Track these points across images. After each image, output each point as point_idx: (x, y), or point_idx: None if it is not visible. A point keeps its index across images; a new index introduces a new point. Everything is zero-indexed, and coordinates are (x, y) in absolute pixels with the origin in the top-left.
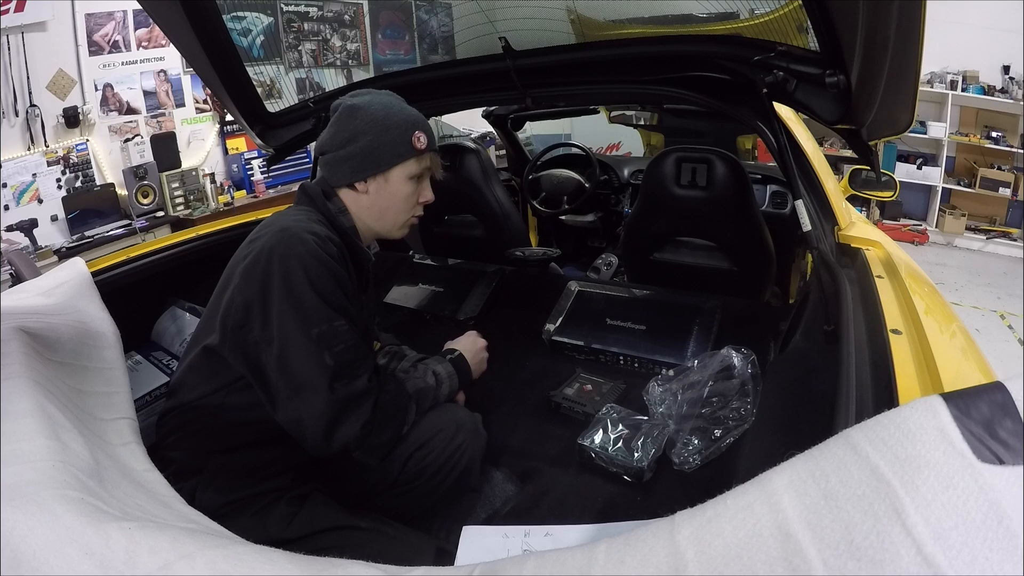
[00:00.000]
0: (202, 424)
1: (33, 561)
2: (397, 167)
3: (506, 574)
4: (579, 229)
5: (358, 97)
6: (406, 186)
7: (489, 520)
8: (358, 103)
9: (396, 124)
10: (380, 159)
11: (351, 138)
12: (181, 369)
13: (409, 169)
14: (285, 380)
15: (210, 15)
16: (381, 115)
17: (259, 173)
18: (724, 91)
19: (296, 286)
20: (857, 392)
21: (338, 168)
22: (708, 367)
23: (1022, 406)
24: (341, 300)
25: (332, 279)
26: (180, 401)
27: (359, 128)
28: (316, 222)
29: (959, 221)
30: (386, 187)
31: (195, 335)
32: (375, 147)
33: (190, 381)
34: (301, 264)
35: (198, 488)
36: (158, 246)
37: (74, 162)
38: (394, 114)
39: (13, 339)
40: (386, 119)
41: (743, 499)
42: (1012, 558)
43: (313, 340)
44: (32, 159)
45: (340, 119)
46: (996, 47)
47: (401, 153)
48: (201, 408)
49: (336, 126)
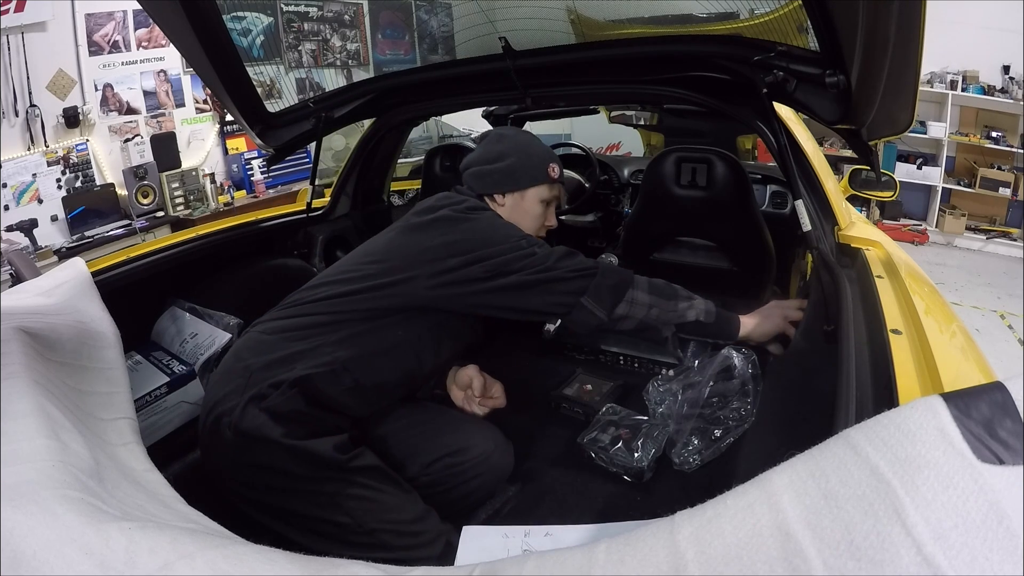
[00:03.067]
0: (332, 326)
1: (33, 561)
2: (533, 188)
3: (506, 574)
4: (579, 229)
5: (504, 129)
6: (537, 207)
7: (489, 520)
8: (505, 132)
9: (537, 154)
10: (520, 178)
11: (499, 157)
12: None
13: (542, 193)
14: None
15: (210, 15)
16: (524, 144)
17: (259, 173)
18: (724, 91)
19: (484, 230)
20: (857, 392)
21: (484, 179)
22: (708, 367)
23: (1022, 406)
24: (517, 233)
25: (504, 226)
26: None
27: (506, 151)
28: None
29: (959, 221)
30: (521, 203)
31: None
32: (517, 168)
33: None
34: (481, 220)
35: (285, 384)
36: (158, 246)
37: (74, 162)
38: (536, 146)
39: (13, 339)
40: (528, 148)
41: (743, 499)
42: (1012, 558)
43: (524, 259)
44: (32, 159)
45: (489, 141)
46: (996, 47)
47: (538, 177)
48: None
49: (485, 146)
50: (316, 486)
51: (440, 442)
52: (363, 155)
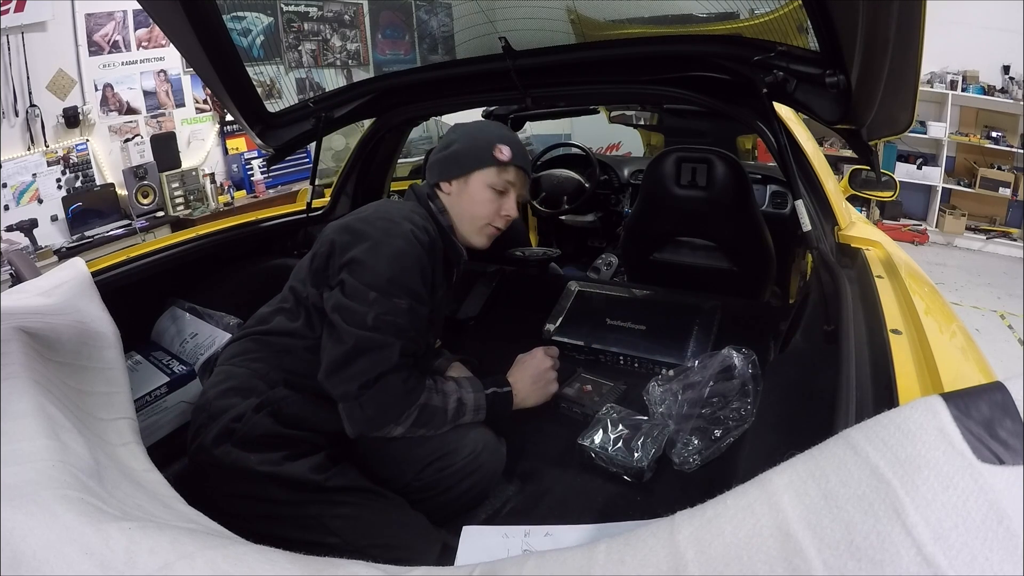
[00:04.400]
0: (280, 350)
1: (33, 561)
2: (477, 172)
3: (506, 574)
4: (579, 229)
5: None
6: (483, 192)
7: (489, 520)
8: (462, 123)
9: (483, 137)
10: (463, 162)
11: (447, 145)
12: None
13: (488, 176)
14: (335, 314)
15: (210, 15)
16: (474, 129)
17: (259, 173)
18: (724, 91)
19: (382, 253)
20: (857, 392)
21: (432, 169)
22: (708, 367)
23: (1022, 406)
24: (415, 285)
25: (416, 265)
26: (262, 330)
27: (454, 137)
28: (417, 215)
29: (959, 221)
30: (466, 189)
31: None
32: (460, 152)
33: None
34: (397, 237)
35: (250, 409)
36: (158, 246)
37: (74, 162)
38: (485, 130)
39: (13, 339)
40: (477, 133)
41: (743, 499)
42: (1012, 558)
43: (369, 301)
44: (32, 159)
45: (446, 134)
46: (996, 47)
47: (482, 159)
48: (283, 335)
49: (442, 139)
50: (299, 510)
51: (428, 447)
52: (363, 155)
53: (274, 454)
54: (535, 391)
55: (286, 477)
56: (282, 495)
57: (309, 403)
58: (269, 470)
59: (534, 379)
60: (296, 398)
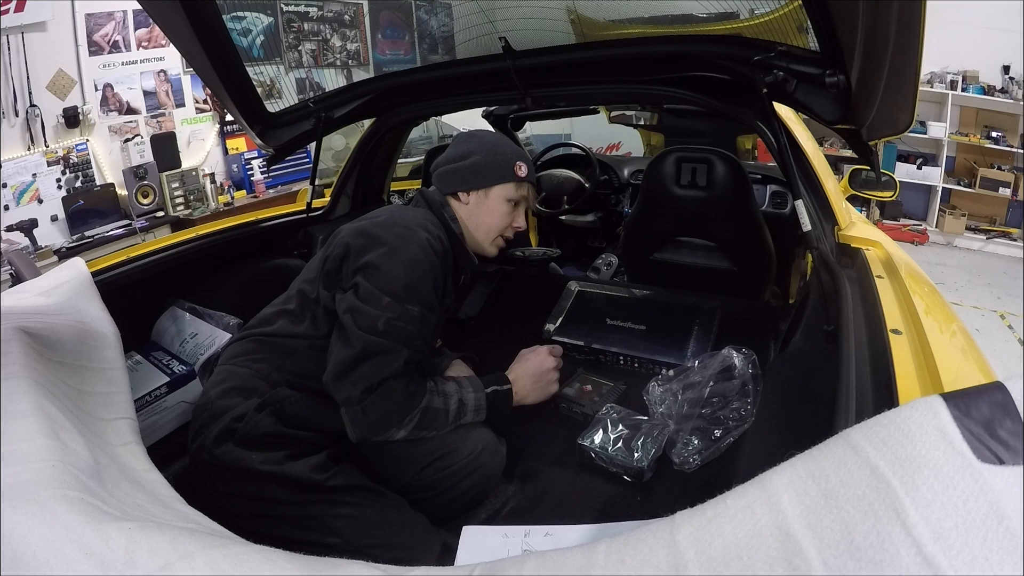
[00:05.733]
0: (284, 352)
1: (33, 561)
2: (498, 186)
3: (506, 574)
4: (579, 229)
5: (476, 130)
6: (502, 206)
7: (489, 520)
8: (475, 132)
9: (503, 152)
10: (485, 176)
11: (464, 155)
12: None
13: (507, 191)
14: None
15: (210, 15)
16: (492, 142)
17: (259, 173)
18: (724, 91)
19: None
20: (857, 392)
21: (449, 178)
22: (708, 367)
23: (1022, 406)
24: (428, 293)
25: (430, 273)
26: (265, 331)
27: (472, 149)
28: (431, 223)
29: (959, 221)
30: (485, 201)
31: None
32: (482, 165)
33: (279, 321)
34: (413, 245)
35: (252, 409)
36: (158, 246)
37: (74, 162)
38: (504, 144)
39: (13, 339)
40: (496, 146)
41: (743, 499)
42: (1012, 558)
43: (383, 306)
44: (32, 159)
45: (458, 141)
46: (996, 47)
47: (504, 175)
48: (287, 337)
49: (454, 146)
50: (300, 510)
51: (428, 447)
52: (363, 155)
53: (276, 453)
54: (536, 389)
55: (287, 476)
56: (283, 495)
57: (311, 403)
58: (271, 469)
59: (535, 377)
60: (298, 398)
